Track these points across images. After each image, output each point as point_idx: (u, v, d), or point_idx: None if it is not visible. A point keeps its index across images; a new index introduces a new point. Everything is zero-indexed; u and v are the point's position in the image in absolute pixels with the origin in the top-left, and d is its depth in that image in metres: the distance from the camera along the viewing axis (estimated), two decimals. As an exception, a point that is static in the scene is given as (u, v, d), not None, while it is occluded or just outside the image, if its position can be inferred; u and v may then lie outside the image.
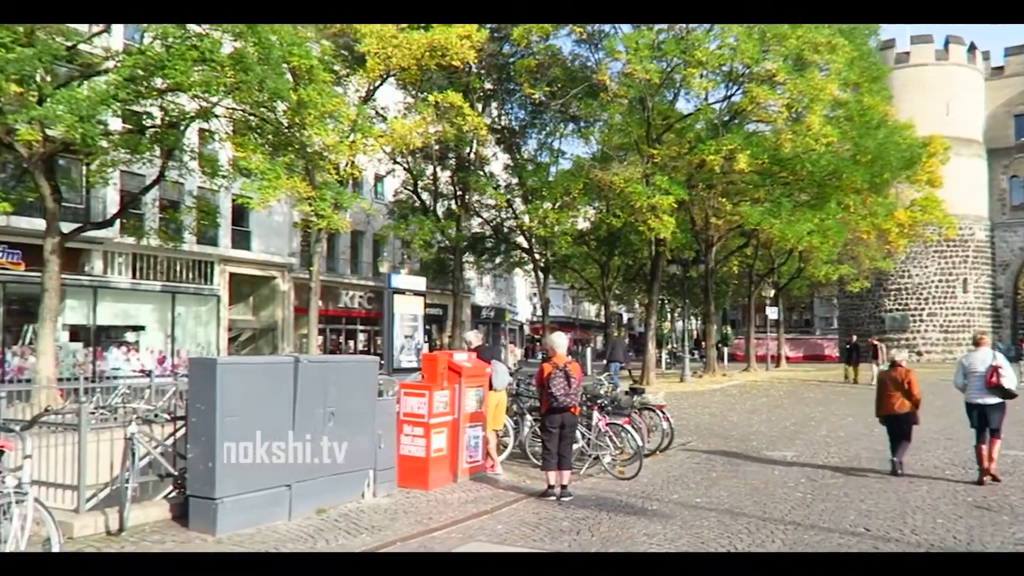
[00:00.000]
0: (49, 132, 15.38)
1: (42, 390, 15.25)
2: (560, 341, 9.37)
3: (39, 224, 18.65)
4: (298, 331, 33.55)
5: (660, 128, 28.47)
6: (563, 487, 9.04)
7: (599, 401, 10.95)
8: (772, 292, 44.80)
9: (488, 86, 32.62)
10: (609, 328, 46.16)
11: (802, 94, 24.43)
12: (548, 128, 34.28)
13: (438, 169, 33.35)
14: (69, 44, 16.47)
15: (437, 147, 29.90)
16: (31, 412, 10.22)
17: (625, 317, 75.62)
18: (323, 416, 8.05)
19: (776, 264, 42.78)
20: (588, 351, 38.08)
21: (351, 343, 38.71)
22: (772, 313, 44.62)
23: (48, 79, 15.72)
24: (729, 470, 11.17)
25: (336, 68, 22.62)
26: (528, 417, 11.59)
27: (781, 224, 27.40)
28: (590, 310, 72.20)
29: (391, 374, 14.36)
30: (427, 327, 25.95)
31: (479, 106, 30.66)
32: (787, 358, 49.20)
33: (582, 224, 37.25)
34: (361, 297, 38.87)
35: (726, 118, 29.16)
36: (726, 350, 49.66)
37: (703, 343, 42.98)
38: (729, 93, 29.27)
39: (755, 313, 45.24)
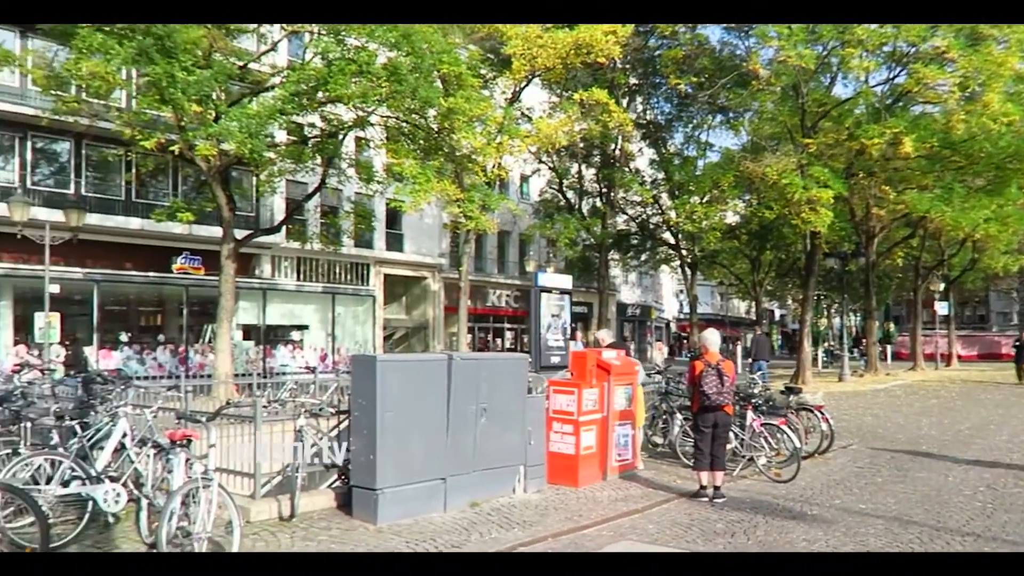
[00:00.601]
0: (223, 147, 16.65)
1: (220, 385, 16.55)
2: (713, 338, 9.15)
3: (216, 232, 20.25)
4: (448, 329, 34.59)
5: (815, 115, 27.09)
6: (716, 488, 8.82)
7: (753, 400, 10.58)
8: (941, 286, 41.60)
9: (633, 81, 32.30)
10: (760, 325, 44.49)
11: (977, 70, 22.48)
12: (695, 120, 33.50)
13: (583, 167, 33.38)
14: (241, 64, 17.78)
15: (582, 145, 29.94)
16: (212, 405, 11.14)
17: (777, 314, 72.63)
18: (475, 412, 8.26)
19: (946, 255, 39.71)
20: (739, 349, 36.87)
21: (498, 341, 39.44)
22: (942, 308, 41.49)
23: (222, 97, 17.02)
24: (896, 475, 10.48)
25: (483, 72, 23.13)
26: (678, 416, 11.38)
27: (953, 212, 25.39)
28: (740, 307, 69.87)
29: (538, 371, 14.51)
30: (573, 325, 26.01)
31: (624, 102, 30.41)
32: (959, 356, 45.57)
33: (731, 218, 36.11)
34: (508, 296, 39.53)
35: (889, 101, 27.31)
36: (889, 348, 46.63)
37: (863, 340, 40.55)
38: (892, 75, 27.44)
39: (922, 308, 42.17)
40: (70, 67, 15.19)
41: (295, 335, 29.90)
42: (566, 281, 20.05)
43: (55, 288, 18.60)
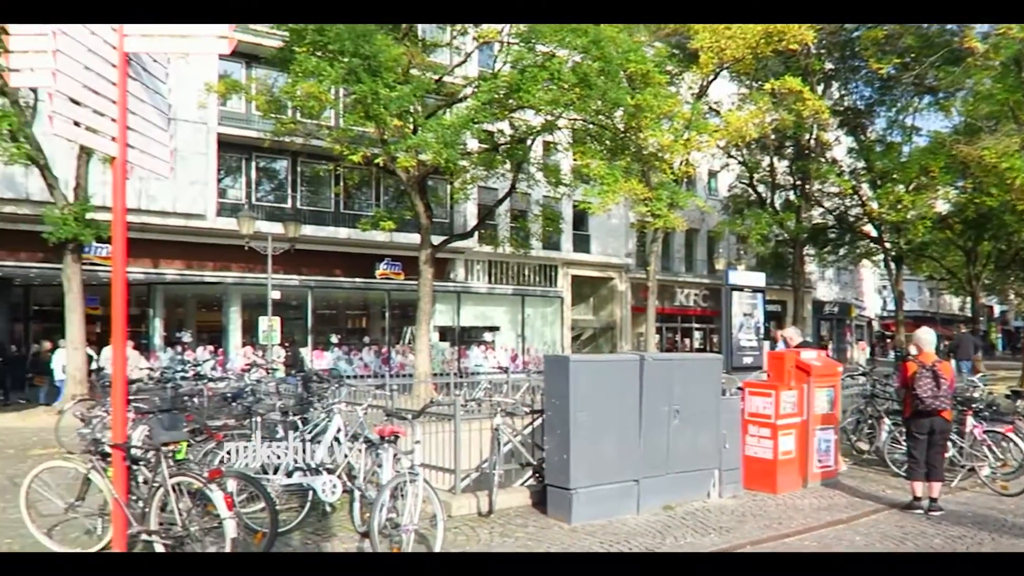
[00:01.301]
0: (421, 157, 17.54)
1: (420, 384, 17.42)
2: (928, 338, 8.41)
3: (415, 239, 21.37)
4: (635, 330, 34.29)
5: (1043, 90, 24.11)
6: (932, 500, 8.10)
7: (973, 405, 9.62)
8: None
9: (828, 66, 30.42)
10: (965, 322, 40.21)
11: None
12: (899, 104, 30.93)
13: (775, 159, 31.87)
14: (436, 77, 18.67)
15: (774, 136, 28.59)
16: (412, 403, 11.76)
17: (997, 310, 65.32)
18: (668, 414, 8.13)
19: None
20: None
21: (687, 341, 38.55)
22: None
23: (419, 110, 17.95)
24: None
25: (669, 68, 22.74)
26: (886, 421, 10.57)
27: None
28: (952, 303, 63.57)
29: (730, 372, 14.04)
30: (766, 324, 24.89)
31: (819, 88, 28.70)
32: None
33: (942, 207, 32.99)
34: (696, 295, 38.55)
35: None
36: None
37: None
38: None
39: None
40: (288, 90, 16.68)
41: (487, 336, 30.87)
42: (759, 279, 19.27)
43: (276, 294, 20.42)
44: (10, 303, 24.01)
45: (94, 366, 16.93)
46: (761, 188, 32.23)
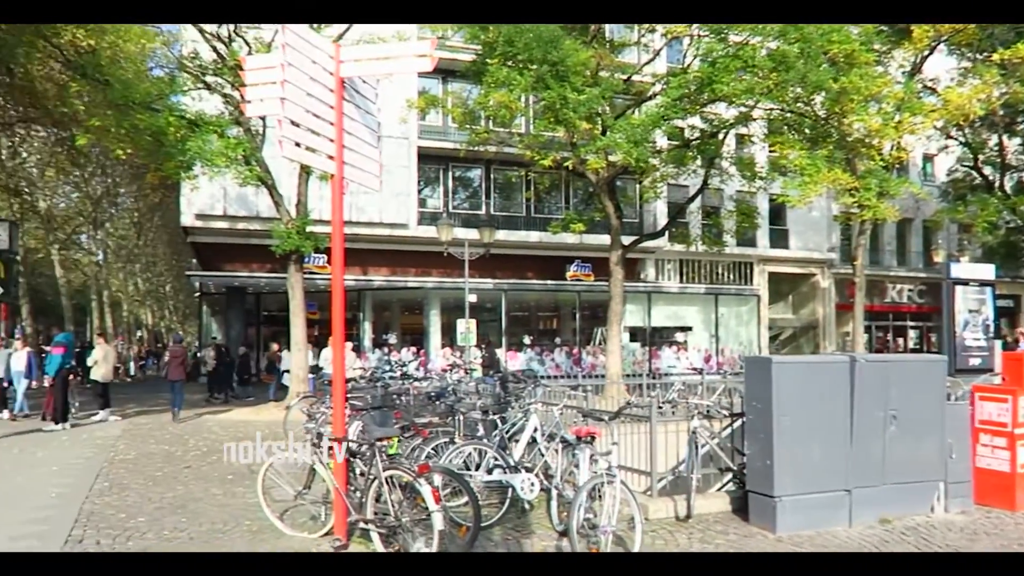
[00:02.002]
0: (611, 158, 17.52)
1: (611, 385, 17.40)
2: None
3: (604, 239, 21.39)
4: (840, 329, 32.17)
5: None
6: None
7: None
8: None
9: (1069, 30, 26.91)
10: None
11: None
12: None
13: (1004, 137, 28.64)
14: (625, 77, 18.59)
15: (1003, 112, 25.69)
16: (603, 404, 11.73)
17: None
18: (883, 420, 7.55)
19: None
20: None
21: (899, 340, 35.59)
22: None
23: (608, 111, 17.96)
24: None
25: (876, 47, 21.13)
26: None
27: None
28: None
29: (953, 375, 12.79)
30: (996, 322, 22.37)
31: (1058, 56, 25.43)
32: None
33: None
34: (910, 290, 35.50)
35: None
36: None
37: None
38: None
39: None
40: (481, 101, 17.34)
41: (679, 336, 30.27)
42: (987, 271, 17.36)
43: (472, 297, 21.22)
44: (244, 309, 26.79)
45: (311, 362, 18.49)
46: (988, 170, 29.08)
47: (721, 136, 19.60)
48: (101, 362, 15.70)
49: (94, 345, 18.38)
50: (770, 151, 21.01)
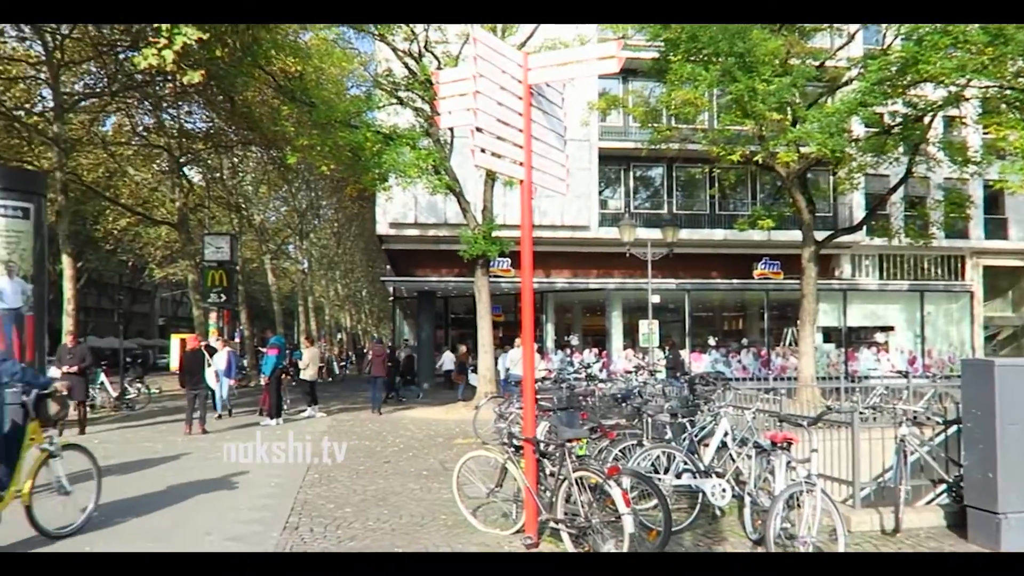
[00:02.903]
0: (803, 149, 16.65)
1: (804, 388, 16.50)
2: None
3: (794, 236, 20.35)
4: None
5: None
6: None
7: None
8: None
9: None
10: None
11: None
12: None
13: None
14: (817, 63, 17.59)
15: None
16: (796, 408, 11.16)
17: None
18: None
19: None
20: None
21: None
22: None
23: (799, 101, 17.08)
24: None
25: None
26: None
27: None
28: None
29: None
30: None
31: None
32: None
33: None
34: None
35: None
36: None
37: None
38: None
39: None
40: (664, 99, 17.09)
41: (879, 337, 28.21)
42: None
43: (656, 298, 20.95)
44: (434, 312, 28.04)
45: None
46: None
47: (927, 120, 18.03)
48: (309, 363, 16.99)
49: (301, 347, 19.85)
50: (985, 133, 19.04)
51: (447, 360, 24.19)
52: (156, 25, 10.33)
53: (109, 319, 55.59)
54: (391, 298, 34.71)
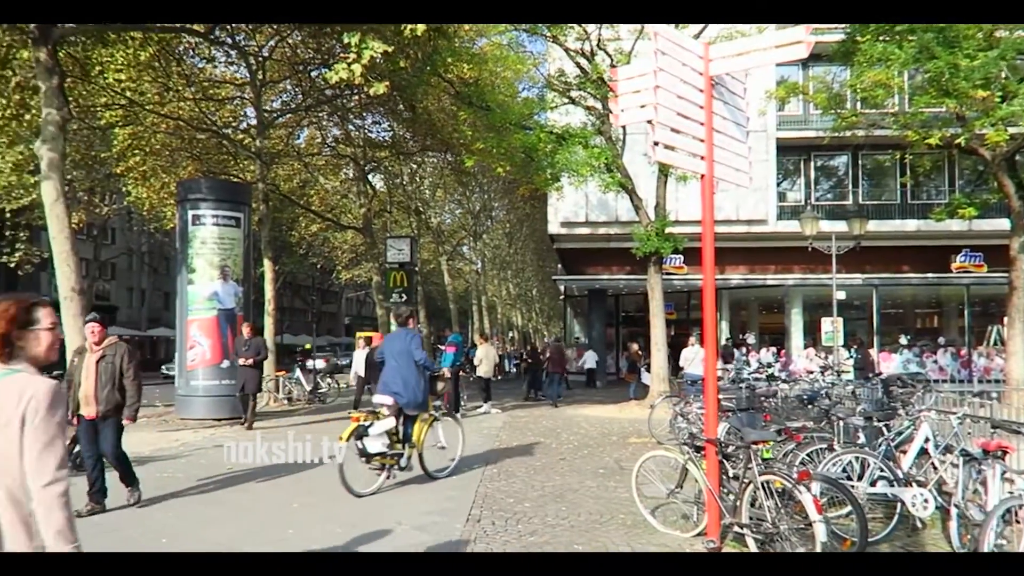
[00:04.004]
0: (1012, 130, 15.14)
1: (1013, 392, 14.99)
2: None
3: (1000, 224, 18.56)
4: None
5: None
6: None
7: None
8: None
9: None
10: None
11: None
12: None
13: None
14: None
15: None
16: (1003, 413, 10.08)
17: None
18: None
19: None
20: None
21: None
22: None
23: (1008, 75, 15.52)
24: None
25: None
26: None
27: None
28: None
29: None
30: None
31: None
32: None
33: None
34: None
35: None
36: None
37: None
38: None
39: None
40: (852, 83, 16.08)
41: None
42: None
43: (841, 294, 19.78)
44: (604, 311, 28.04)
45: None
46: None
47: None
48: (483, 360, 17.50)
49: (476, 345, 20.49)
50: None
51: (589, 358, 24.19)
52: (346, 42, 11.04)
53: (302, 318, 60.11)
54: (562, 297, 35.07)
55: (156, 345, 50.25)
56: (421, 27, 11.18)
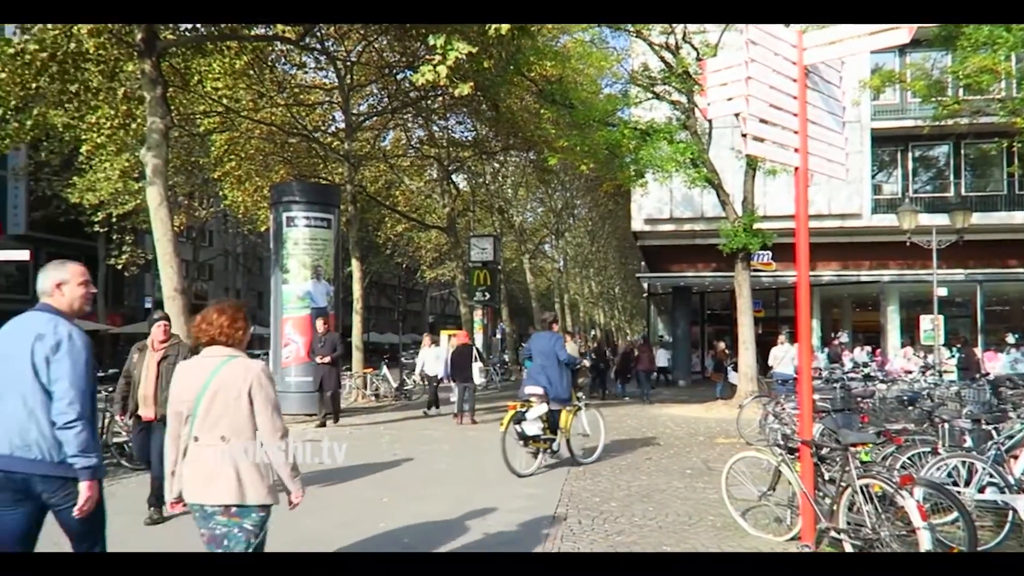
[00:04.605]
0: None
1: None
2: None
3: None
4: None
5: None
6: None
7: None
8: None
9: None
10: None
11: None
12: None
13: None
14: None
15: None
16: None
17: None
18: None
19: None
20: None
21: None
22: None
23: None
24: None
25: None
26: None
27: None
28: None
29: None
30: None
31: None
32: None
33: None
34: None
35: None
36: None
37: None
38: None
39: None
40: (955, 69, 15.35)
41: None
42: None
43: (942, 291, 18.89)
44: (689, 308, 27.59)
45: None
46: None
47: None
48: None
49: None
50: None
51: (660, 357, 23.89)
52: (431, 44, 11.18)
53: (388, 317, 61.38)
54: (645, 295, 34.67)
55: (251, 343, 52.07)
56: (505, 27, 11.23)
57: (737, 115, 5.26)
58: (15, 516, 3.45)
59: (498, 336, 32.51)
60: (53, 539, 3.77)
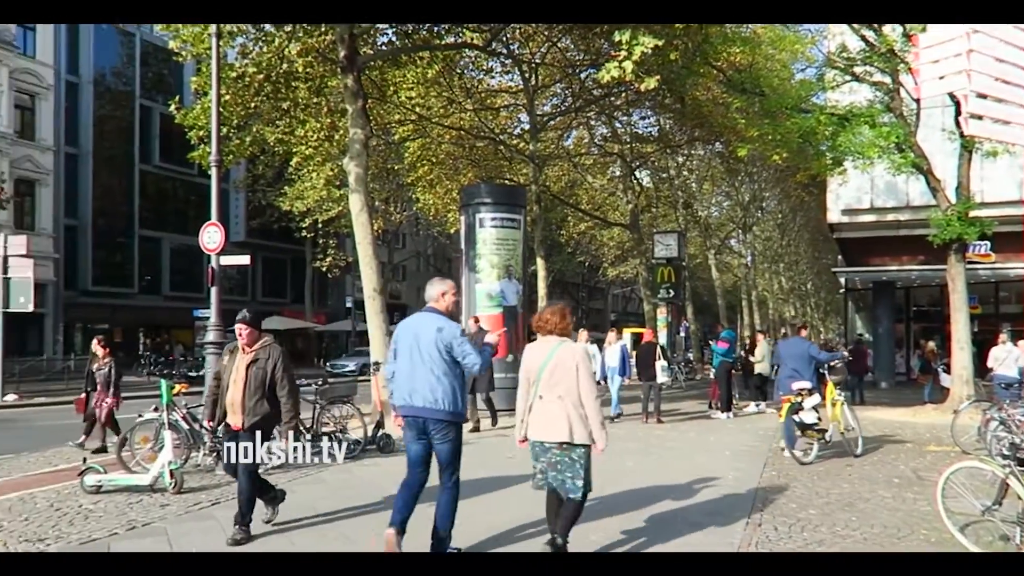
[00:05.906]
0: None
1: None
2: None
3: None
4: None
5: None
6: None
7: None
8: None
9: None
10: None
11: None
12: None
13: None
14: None
15: None
16: None
17: None
18: None
19: None
20: None
21: None
22: None
23: None
24: None
25: None
26: None
27: None
28: None
29: None
30: None
31: None
32: None
33: None
34: None
35: None
36: None
37: None
38: None
39: None
40: None
41: None
42: None
43: None
44: (892, 305, 25.61)
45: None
46: None
47: None
48: (762, 357, 16.76)
49: (757, 341, 19.62)
50: None
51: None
52: (616, 40, 11.14)
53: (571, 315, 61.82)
54: (841, 290, 32.60)
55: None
56: (691, 18, 10.98)
57: (951, 95, 4.82)
58: (419, 447, 5.27)
59: (682, 334, 31.78)
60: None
